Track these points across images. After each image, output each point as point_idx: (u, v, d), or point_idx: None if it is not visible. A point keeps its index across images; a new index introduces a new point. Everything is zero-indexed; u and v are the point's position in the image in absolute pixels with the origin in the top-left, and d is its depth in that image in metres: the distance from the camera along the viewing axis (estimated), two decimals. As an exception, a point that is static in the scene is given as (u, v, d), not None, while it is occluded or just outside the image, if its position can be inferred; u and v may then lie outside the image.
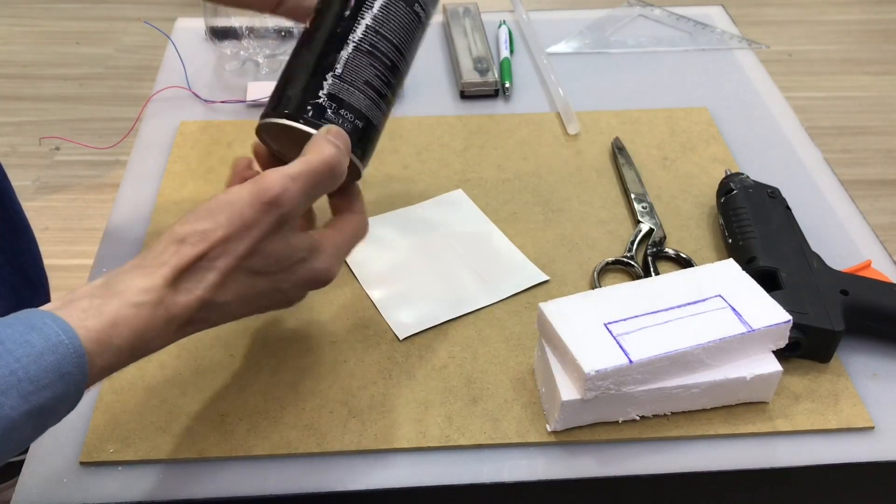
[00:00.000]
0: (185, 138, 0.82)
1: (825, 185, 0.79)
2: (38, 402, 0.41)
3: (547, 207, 0.76)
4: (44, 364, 0.41)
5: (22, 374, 0.40)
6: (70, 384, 0.42)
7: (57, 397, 0.42)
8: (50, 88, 2.05)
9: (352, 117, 0.54)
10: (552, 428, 0.57)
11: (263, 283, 0.49)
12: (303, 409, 0.59)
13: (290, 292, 0.52)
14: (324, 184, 0.50)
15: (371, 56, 0.55)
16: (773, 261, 0.64)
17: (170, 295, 0.46)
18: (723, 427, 0.58)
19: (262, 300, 0.51)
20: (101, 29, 2.26)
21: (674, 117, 0.87)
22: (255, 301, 0.50)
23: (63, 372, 0.41)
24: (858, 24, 2.36)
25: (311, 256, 0.51)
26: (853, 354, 0.63)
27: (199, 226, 0.46)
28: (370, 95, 0.55)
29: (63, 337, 0.42)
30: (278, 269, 0.49)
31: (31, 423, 0.41)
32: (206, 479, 0.55)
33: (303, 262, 0.51)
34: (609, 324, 0.57)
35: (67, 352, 0.42)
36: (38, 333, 0.41)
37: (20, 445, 0.42)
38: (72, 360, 0.42)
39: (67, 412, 0.44)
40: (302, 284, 0.52)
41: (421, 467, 0.56)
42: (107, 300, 0.44)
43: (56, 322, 0.42)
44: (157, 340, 0.46)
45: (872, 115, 2.01)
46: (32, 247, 1.00)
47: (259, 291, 0.49)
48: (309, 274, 0.51)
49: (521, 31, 1.01)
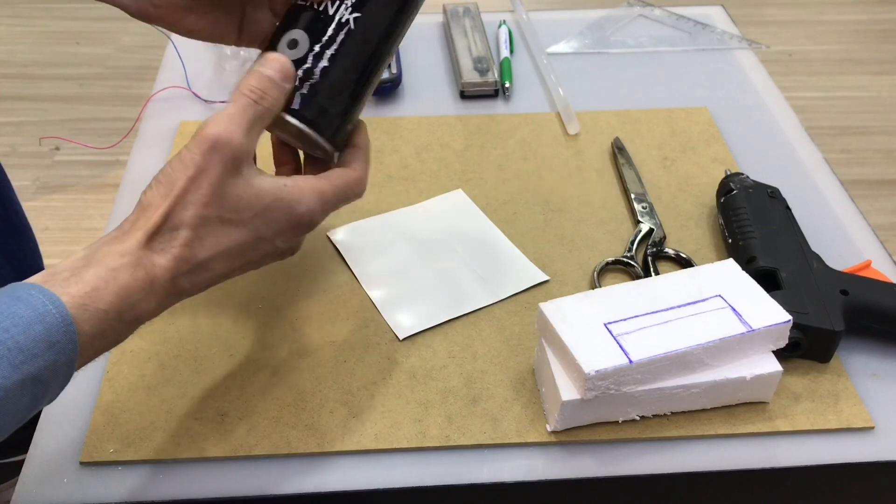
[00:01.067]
0: (184, 138, 0.82)
1: (825, 185, 0.79)
2: (30, 371, 0.41)
3: (547, 207, 0.76)
4: (32, 334, 0.41)
5: (11, 344, 0.41)
6: (60, 353, 0.42)
7: (48, 367, 0.42)
8: (50, 88, 2.05)
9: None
10: (552, 428, 0.57)
11: (240, 232, 0.49)
12: (303, 409, 0.59)
13: (276, 240, 0.51)
14: (262, 119, 0.50)
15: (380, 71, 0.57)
16: (773, 261, 0.64)
17: (146, 255, 0.46)
18: (723, 427, 0.58)
19: (248, 252, 0.50)
20: (101, 29, 2.26)
21: (674, 117, 0.87)
22: (241, 254, 0.50)
23: (52, 341, 0.42)
24: (858, 24, 2.36)
25: (287, 199, 0.50)
26: (853, 354, 0.63)
27: (159, 189, 0.47)
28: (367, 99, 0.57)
29: (50, 306, 0.42)
30: (251, 215, 0.49)
31: (24, 393, 0.41)
32: (206, 479, 0.55)
33: (278, 205, 0.50)
34: (609, 324, 0.57)
35: (55, 321, 0.42)
36: (25, 304, 0.42)
37: (17, 417, 0.42)
38: (60, 329, 0.42)
39: (62, 384, 0.44)
40: (285, 230, 0.51)
41: (421, 467, 0.56)
42: (86, 269, 0.45)
43: (42, 293, 0.43)
44: (144, 304, 0.46)
45: (872, 115, 2.01)
46: (32, 247, 1.00)
47: (239, 242, 0.49)
48: (287, 217, 0.50)
49: (521, 31, 1.01)
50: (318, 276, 0.68)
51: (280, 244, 0.52)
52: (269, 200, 0.50)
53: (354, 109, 0.55)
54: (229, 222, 0.49)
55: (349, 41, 0.54)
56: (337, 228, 0.73)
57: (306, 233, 0.53)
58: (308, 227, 0.52)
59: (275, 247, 0.52)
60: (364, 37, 0.54)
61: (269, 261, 0.53)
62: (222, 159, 0.48)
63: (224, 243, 0.49)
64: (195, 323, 0.64)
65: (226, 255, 0.49)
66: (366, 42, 0.55)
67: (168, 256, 0.47)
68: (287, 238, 0.52)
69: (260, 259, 0.52)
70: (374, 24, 0.55)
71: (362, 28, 0.54)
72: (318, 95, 0.53)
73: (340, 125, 0.55)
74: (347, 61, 0.54)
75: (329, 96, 0.54)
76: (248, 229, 0.49)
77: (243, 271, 0.52)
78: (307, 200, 0.51)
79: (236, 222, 0.49)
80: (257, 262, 0.52)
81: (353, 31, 0.54)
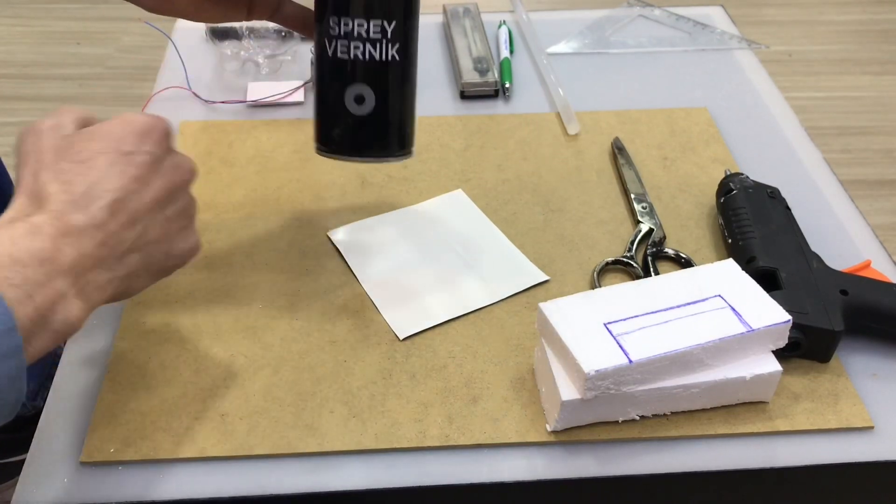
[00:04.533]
0: (185, 138, 0.82)
1: (825, 185, 0.79)
2: None
3: (547, 207, 0.76)
4: None
5: None
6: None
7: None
8: (50, 88, 2.05)
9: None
10: (552, 428, 0.57)
11: (90, 152, 0.49)
12: (303, 409, 0.59)
13: (135, 152, 0.51)
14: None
15: None
16: (772, 261, 0.64)
17: (35, 206, 0.47)
18: (723, 427, 0.58)
19: (119, 169, 0.50)
20: (101, 29, 2.26)
21: (674, 117, 0.87)
22: (116, 172, 0.49)
23: None
24: (858, 24, 2.36)
25: (112, 119, 0.52)
26: (853, 354, 0.63)
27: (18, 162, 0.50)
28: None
29: None
30: (90, 139, 0.50)
31: None
32: (206, 479, 0.55)
33: (107, 124, 0.52)
34: (609, 324, 0.57)
35: None
36: None
37: None
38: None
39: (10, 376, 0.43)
40: (130, 136, 0.51)
41: (421, 467, 0.56)
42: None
43: None
44: (37, 244, 0.45)
45: (872, 115, 2.01)
46: None
47: (99, 162, 0.49)
48: (120, 123, 0.52)
49: (521, 31, 1.01)
50: (318, 276, 0.69)
51: (145, 151, 0.51)
52: (97, 126, 0.51)
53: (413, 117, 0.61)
54: (79, 156, 0.49)
55: (401, 76, 0.59)
56: (337, 228, 0.73)
57: (156, 138, 0.52)
58: (150, 128, 0.52)
59: (143, 156, 0.51)
60: (410, 65, 0.59)
61: (159, 181, 0.51)
62: (48, 132, 0.50)
63: (87, 167, 0.49)
64: (195, 323, 0.65)
65: (98, 176, 0.49)
66: (411, 69, 0.60)
67: (59, 193, 0.47)
68: (138, 143, 0.51)
69: (143, 175, 0.50)
70: (412, 51, 0.59)
71: (406, 59, 0.59)
72: (393, 129, 0.60)
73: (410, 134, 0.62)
74: (404, 92, 0.60)
75: (398, 127, 0.60)
76: (99, 146, 0.50)
77: (165, 199, 0.51)
78: (130, 114, 0.53)
79: (85, 151, 0.49)
80: (143, 179, 0.50)
81: (400, 63, 0.58)
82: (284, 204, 0.75)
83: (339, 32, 0.56)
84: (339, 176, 0.78)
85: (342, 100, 0.57)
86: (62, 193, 0.47)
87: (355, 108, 0.57)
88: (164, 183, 0.51)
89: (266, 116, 0.86)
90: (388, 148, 0.60)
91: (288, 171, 0.79)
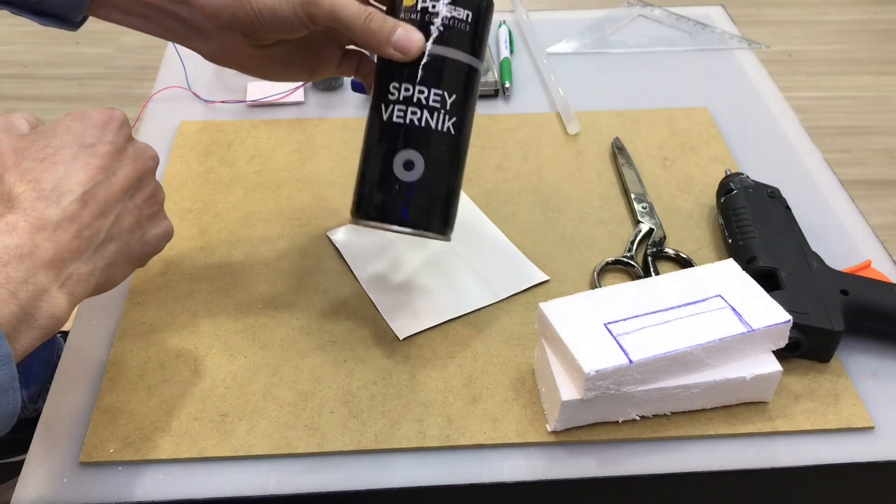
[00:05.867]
0: (185, 138, 0.82)
1: (825, 185, 0.79)
2: None
3: (547, 207, 0.76)
4: None
5: None
6: None
7: None
8: (50, 88, 2.05)
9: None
10: (552, 428, 0.57)
11: (54, 147, 0.50)
12: (303, 409, 0.59)
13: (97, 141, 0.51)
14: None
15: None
16: (773, 261, 0.64)
17: (6, 207, 0.47)
18: (723, 427, 0.58)
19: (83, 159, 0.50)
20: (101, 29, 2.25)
21: (674, 117, 0.87)
22: (93, 166, 0.50)
23: None
24: (858, 24, 2.36)
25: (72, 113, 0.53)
26: (853, 354, 0.63)
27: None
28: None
29: None
30: (52, 134, 0.50)
31: None
32: (206, 479, 0.55)
33: (69, 117, 0.52)
34: (609, 324, 0.57)
35: None
36: None
37: None
38: None
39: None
40: (92, 129, 0.52)
41: (421, 467, 0.56)
42: None
43: None
44: (42, 252, 0.46)
45: (872, 115, 2.01)
46: None
47: (63, 155, 0.49)
48: (82, 117, 0.52)
49: (521, 31, 1.01)
50: (318, 276, 0.68)
51: (107, 142, 0.51)
52: (54, 124, 0.52)
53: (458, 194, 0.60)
54: (41, 153, 0.49)
55: (452, 149, 0.58)
56: (337, 228, 0.73)
57: (114, 128, 0.53)
58: (107, 119, 0.53)
59: (105, 146, 0.51)
60: (463, 143, 0.59)
61: (124, 169, 0.52)
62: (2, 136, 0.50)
63: (51, 163, 0.49)
64: (195, 323, 0.64)
65: (63, 170, 0.49)
66: (463, 148, 0.59)
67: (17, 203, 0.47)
68: (98, 135, 0.51)
69: (108, 164, 0.51)
70: (467, 131, 0.59)
71: (460, 136, 0.58)
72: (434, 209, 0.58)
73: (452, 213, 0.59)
74: (453, 168, 0.58)
75: (439, 206, 0.58)
76: (59, 142, 0.50)
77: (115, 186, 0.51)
78: (82, 109, 0.53)
79: (47, 148, 0.50)
80: (108, 169, 0.51)
81: (454, 137, 0.57)
82: (284, 204, 0.75)
83: (398, 97, 0.55)
84: (339, 176, 0.78)
85: (391, 165, 0.56)
86: (31, 192, 0.47)
87: (403, 175, 0.55)
88: (129, 171, 0.52)
89: (266, 116, 0.86)
90: (430, 221, 0.57)
91: (288, 171, 0.79)
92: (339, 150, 0.81)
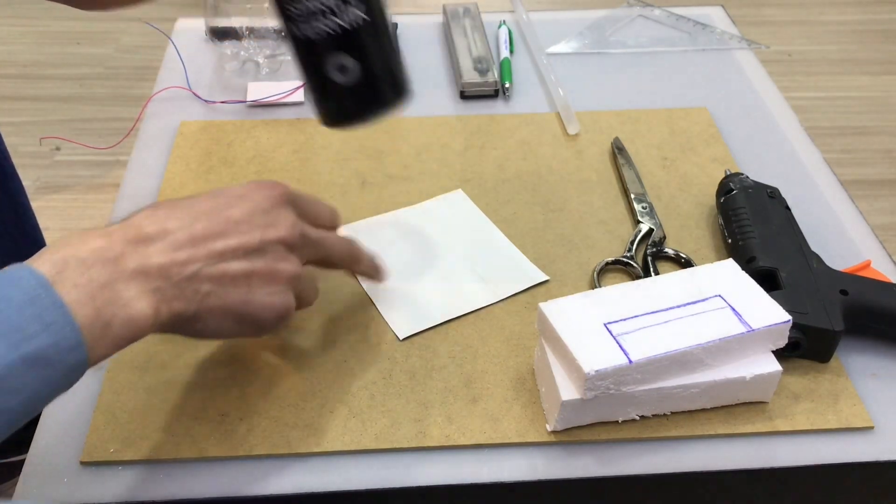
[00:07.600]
0: (185, 138, 0.82)
1: (825, 185, 0.79)
2: (28, 350, 0.41)
3: (547, 207, 0.76)
4: (26, 315, 0.42)
5: (5, 326, 0.41)
6: (58, 335, 0.42)
7: (50, 345, 0.42)
8: (50, 88, 2.05)
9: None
10: (552, 428, 0.57)
11: (191, 201, 0.51)
12: (303, 409, 0.59)
13: (242, 199, 0.52)
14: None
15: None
16: (772, 261, 0.64)
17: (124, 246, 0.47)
18: (722, 427, 0.58)
19: (216, 210, 0.51)
20: (101, 29, 2.26)
21: (674, 117, 0.87)
22: (206, 213, 0.51)
23: (46, 322, 0.42)
24: (858, 24, 2.36)
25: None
26: (853, 354, 0.63)
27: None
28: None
29: (40, 290, 0.43)
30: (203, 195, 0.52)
31: (28, 371, 0.42)
32: (206, 479, 0.55)
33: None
34: (609, 324, 0.57)
35: (45, 304, 0.42)
36: (17, 287, 0.42)
37: (28, 399, 0.42)
38: (51, 311, 0.42)
39: (75, 369, 0.44)
40: (242, 191, 0.53)
41: (421, 467, 0.56)
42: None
43: (33, 275, 0.43)
44: (128, 261, 0.46)
45: (872, 115, 2.01)
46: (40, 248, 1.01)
47: (196, 207, 0.51)
48: (238, 186, 0.54)
49: (521, 31, 1.01)
50: (318, 276, 0.68)
51: (253, 200, 0.52)
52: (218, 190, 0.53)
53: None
54: (180, 204, 0.51)
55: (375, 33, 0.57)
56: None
57: (267, 193, 0.53)
58: (270, 184, 0.54)
59: (249, 205, 0.52)
60: (379, 17, 0.57)
61: (253, 231, 0.52)
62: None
63: (178, 209, 0.50)
64: (195, 323, 0.64)
65: (185, 214, 0.50)
66: (382, 20, 0.57)
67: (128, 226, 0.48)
68: (252, 195, 0.53)
69: (244, 217, 0.52)
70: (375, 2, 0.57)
71: (372, 14, 0.56)
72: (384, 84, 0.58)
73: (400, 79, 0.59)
74: (381, 45, 0.58)
75: (387, 81, 0.58)
76: (201, 199, 0.51)
77: (232, 240, 0.51)
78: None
79: (190, 203, 0.51)
80: (243, 222, 0.52)
81: (369, 22, 0.56)
82: (284, 204, 0.75)
83: (302, 12, 0.55)
84: (339, 176, 0.78)
85: (327, 76, 0.56)
86: (146, 219, 0.49)
87: (342, 79, 0.56)
88: (257, 234, 0.52)
89: (266, 116, 0.86)
90: (386, 102, 0.58)
91: (288, 171, 0.79)
92: (339, 150, 0.81)
